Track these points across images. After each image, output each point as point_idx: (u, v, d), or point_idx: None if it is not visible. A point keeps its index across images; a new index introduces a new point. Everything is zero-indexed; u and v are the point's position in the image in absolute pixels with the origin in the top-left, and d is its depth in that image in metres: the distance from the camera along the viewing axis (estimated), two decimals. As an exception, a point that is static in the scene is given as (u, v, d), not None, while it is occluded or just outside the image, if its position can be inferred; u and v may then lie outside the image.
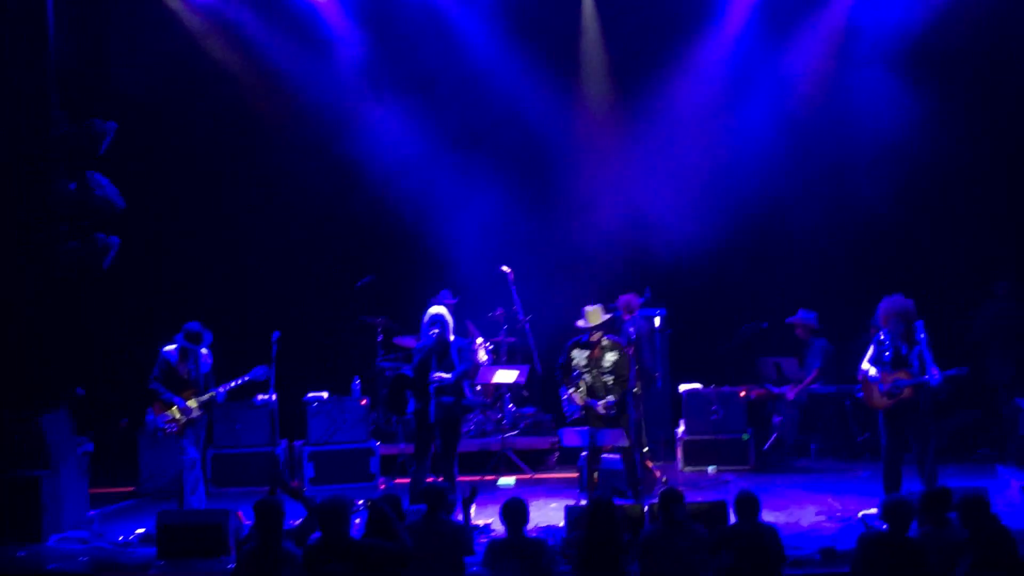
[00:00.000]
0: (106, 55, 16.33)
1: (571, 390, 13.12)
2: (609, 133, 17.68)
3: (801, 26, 17.22)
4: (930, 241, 16.95)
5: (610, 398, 12.94)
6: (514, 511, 10.11)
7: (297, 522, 10.49)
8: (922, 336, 12.60)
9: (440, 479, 12.63)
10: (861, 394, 13.12)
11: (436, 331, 13.03)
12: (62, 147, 13.64)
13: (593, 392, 13.06)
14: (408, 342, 15.81)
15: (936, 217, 16.95)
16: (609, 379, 13.07)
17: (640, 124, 17.42)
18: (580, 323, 13.23)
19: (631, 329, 13.84)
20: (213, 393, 13.12)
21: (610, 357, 13.14)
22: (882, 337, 12.83)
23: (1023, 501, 12.83)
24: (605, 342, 13.18)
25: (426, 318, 13.16)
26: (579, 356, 13.21)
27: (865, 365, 12.86)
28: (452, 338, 13.16)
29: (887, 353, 12.74)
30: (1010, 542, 9.87)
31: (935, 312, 14.09)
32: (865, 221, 17.00)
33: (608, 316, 13.29)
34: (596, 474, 12.90)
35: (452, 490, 12.41)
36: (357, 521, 10.98)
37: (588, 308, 13.26)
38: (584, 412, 13.07)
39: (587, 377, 13.12)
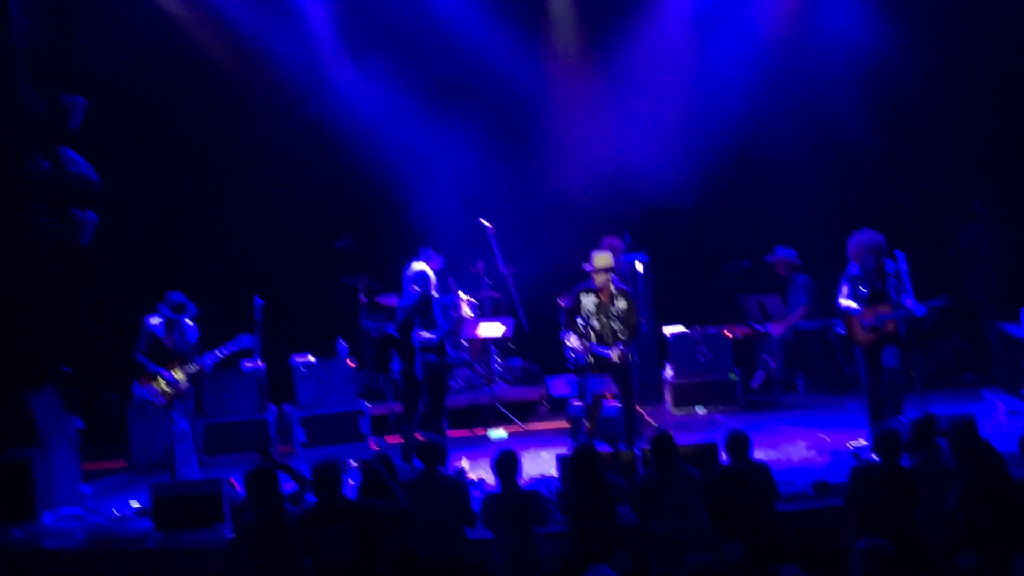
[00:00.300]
0: (73, 28, 16.15)
1: (571, 335, 13.02)
2: (583, 80, 17.61)
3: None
4: (909, 167, 16.93)
5: (622, 345, 12.85)
6: (506, 464, 10.16)
7: (288, 488, 10.52)
8: (903, 267, 12.61)
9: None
10: (843, 330, 13.15)
11: (418, 288, 13.03)
12: (33, 125, 13.57)
13: (601, 339, 12.97)
14: (391, 301, 15.81)
15: (915, 142, 16.91)
16: (618, 325, 12.98)
17: (613, 69, 17.33)
18: (587, 266, 13.18)
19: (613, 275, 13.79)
20: (199, 366, 13.11)
21: (619, 304, 13.03)
22: (854, 272, 12.82)
23: (1010, 424, 12.92)
24: (614, 288, 13.08)
25: (408, 275, 13.15)
26: (587, 301, 13.03)
27: (844, 301, 12.86)
28: (435, 295, 13.16)
29: (863, 289, 12.76)
30: (1001, 465, 9.96)
31: (917, 239, 14.16)
32: (844, 151, 16.96)
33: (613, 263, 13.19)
34: (588, 423, 12.88)
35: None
36: (351, 482, 11.02)
37: (597, 252, 13.20)
38: (591, 358, 12.99)
39: (595, 323, 13.01)
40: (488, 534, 10.16)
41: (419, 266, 13.23)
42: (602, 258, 13.06)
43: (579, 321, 12.93)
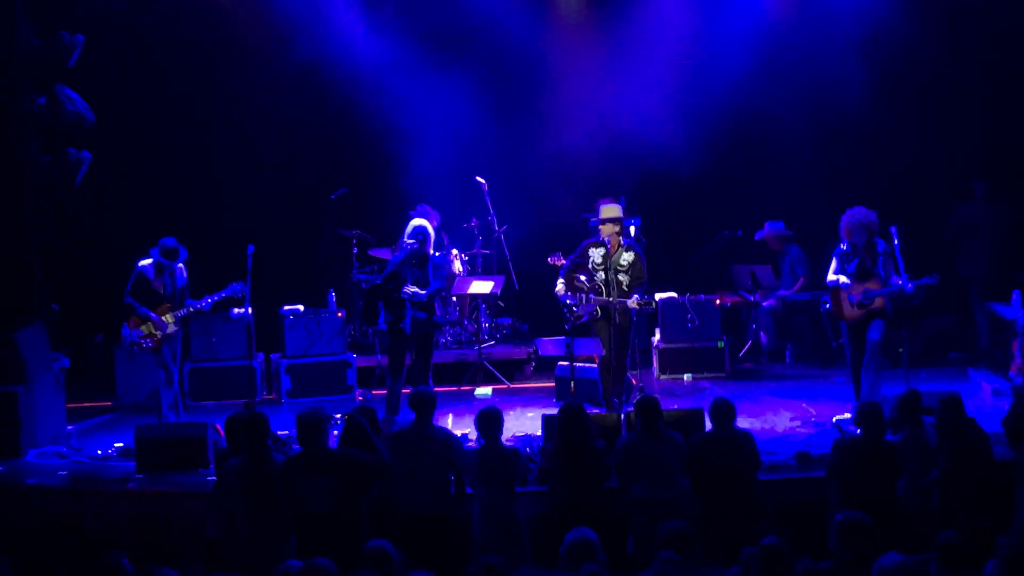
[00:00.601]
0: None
1: (560, 282, 13.00)
2: (584, 41, 17.53)
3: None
4: (906, 144, 16.89)
5: (639, 294, 12.82)
6: (489, 420, 10.17)
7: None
8: (896, 243, 12.59)
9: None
10: (830, 305, 13.14)
11: (413, 243, 12.98)
12: (30, 61, 13.49)
13: (608, 292, 12.93)
14: (383, 254, 15.80)
15: (911, 118, 16.87)
16: (624, 278, 12.98)
17: (616, 32, 17.24)
18: (593, 220, 13.14)
19: (606, 238, 13.76)
20: (190, 307, 13.11)
21: (627, 256, 13.04)
22: (844, 248, 12.82)
23: (994, 404, 12.95)
24: (621, 241, 13.09)
25: (407, 230, 13.11)
26: (595, 254, 13.04)
27: (832, 276, 12.86)
28: (431, 252, 13.12)
29: (850, 265, 12.75)
30: (984, 443, 10.00)
31: (911, 215, 14.14)
32: (840, 124, 16.92)
33: (619, 215, 13.17)
34: (573, 384, 12.85)
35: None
36: (335, 433, 11.03)
37: (604, 204, 13.20)
38: (598, 312, 12.96)
39: (601, 275, 13.01)
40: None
41: (419, 222, 13.20)
42: (609, 209, 13.08)
43: (583, 277, 12.93)
